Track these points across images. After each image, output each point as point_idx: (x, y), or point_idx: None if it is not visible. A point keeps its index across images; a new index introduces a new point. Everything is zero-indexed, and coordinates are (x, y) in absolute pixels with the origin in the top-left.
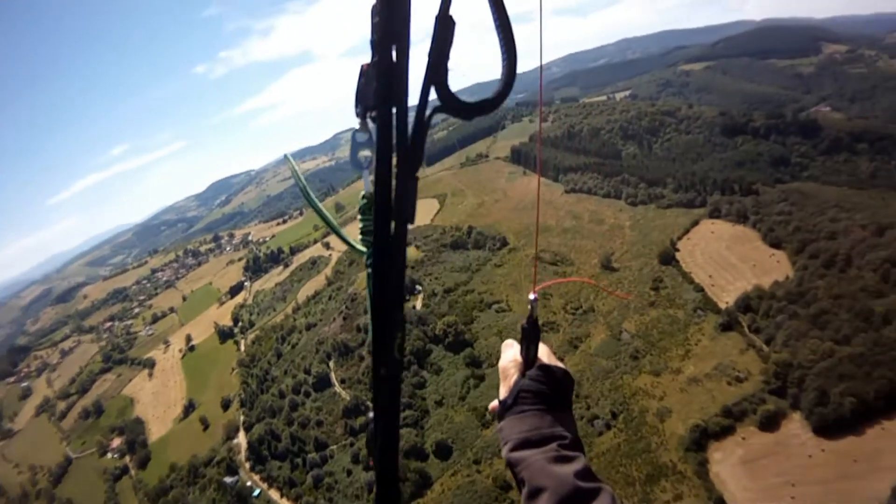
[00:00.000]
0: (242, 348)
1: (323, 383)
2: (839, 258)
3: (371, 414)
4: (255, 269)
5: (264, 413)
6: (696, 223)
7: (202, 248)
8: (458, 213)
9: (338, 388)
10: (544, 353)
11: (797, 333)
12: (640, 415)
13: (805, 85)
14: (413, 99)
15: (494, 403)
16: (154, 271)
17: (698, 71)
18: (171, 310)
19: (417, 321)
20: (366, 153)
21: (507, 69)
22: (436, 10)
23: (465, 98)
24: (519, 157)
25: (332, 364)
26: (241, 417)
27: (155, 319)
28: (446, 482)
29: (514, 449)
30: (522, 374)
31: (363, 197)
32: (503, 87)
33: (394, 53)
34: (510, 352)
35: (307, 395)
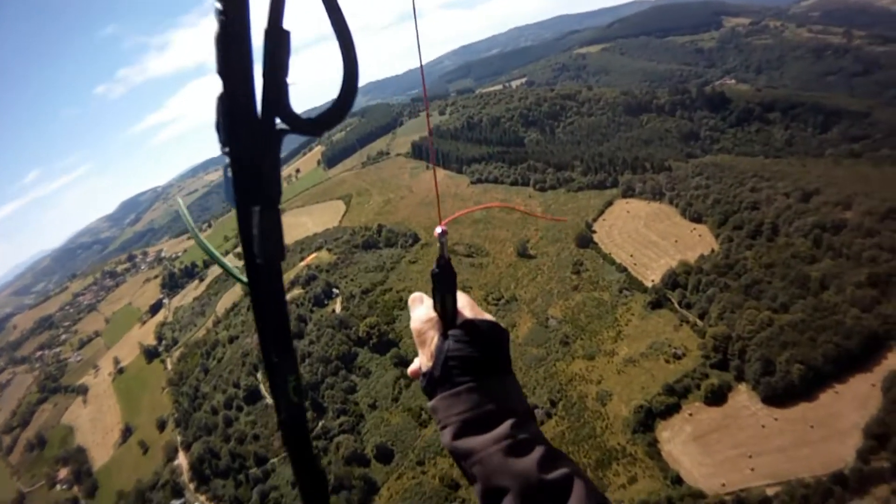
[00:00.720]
0: (170, 367)
1: (254, 396)
2: (765, 227)
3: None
4: (172, 285)
5: (200, 431)
6: (609, 204)
7: (119, 269)
8: (365, 213)
9: (269, 399)
10: (466, 304)
11: (732, 305)
12: (580, 400)
13: (707, 59)
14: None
15: (415, 366)
16: (76, 296)
17: (595, 53)
18: (96, 333)
19: (339, 325)
20: None
21: (347, 74)
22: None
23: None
24: (420, 151)
25: (259, 376)
26: (179, 438)
27: (82, 344)
28: (392, 486)
29: (456, 436)
30: (444, 335)
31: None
32: (345, 93)
33: (238, 82)
34: (421, 309)
35: (240, 409)
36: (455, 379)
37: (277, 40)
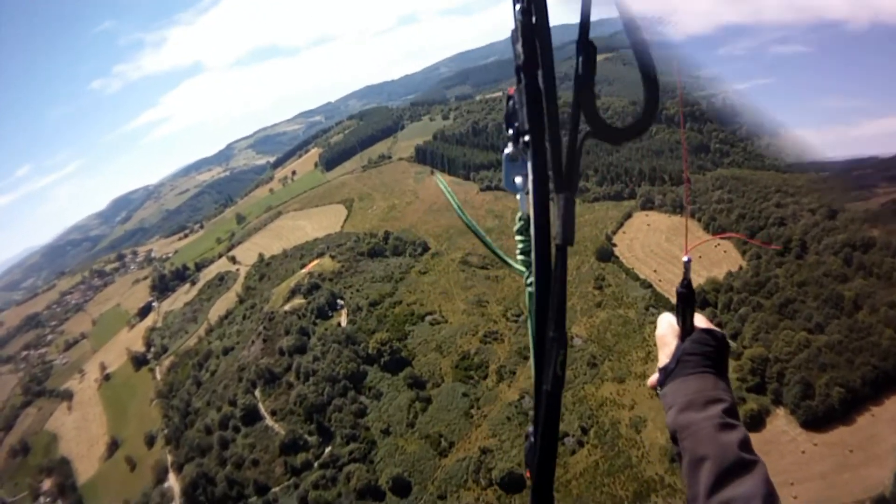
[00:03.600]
0: (159, 376)
1: (252, 416)
2: (794, 244)
3: (530, 428)
4: (162, 287)
5: (193, 452)
6: (629, 216)
7: (107, 268)
8: (369, 219)
9: (269, 420)
10: (700, 321)
11: (767, 325)
12: (613, 427)
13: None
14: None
15: (653, 379)
16: (63, 294)
17: (598, 63)
18: (83, 335)
19: (346, 340)
20: (519, 177)
21: (649, 92)
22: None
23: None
24: (424, 156)
25: (258, 393)
26: (169, 457)
27: (68, 346)
28: None
29: (680, 412)
30: (682, 340)
31: (519, 218)
32: (649, 108)
33: (547, 77)
34: (665, 322)
35: (237, 430)
36: (686, 369)
37: (588, 51)
